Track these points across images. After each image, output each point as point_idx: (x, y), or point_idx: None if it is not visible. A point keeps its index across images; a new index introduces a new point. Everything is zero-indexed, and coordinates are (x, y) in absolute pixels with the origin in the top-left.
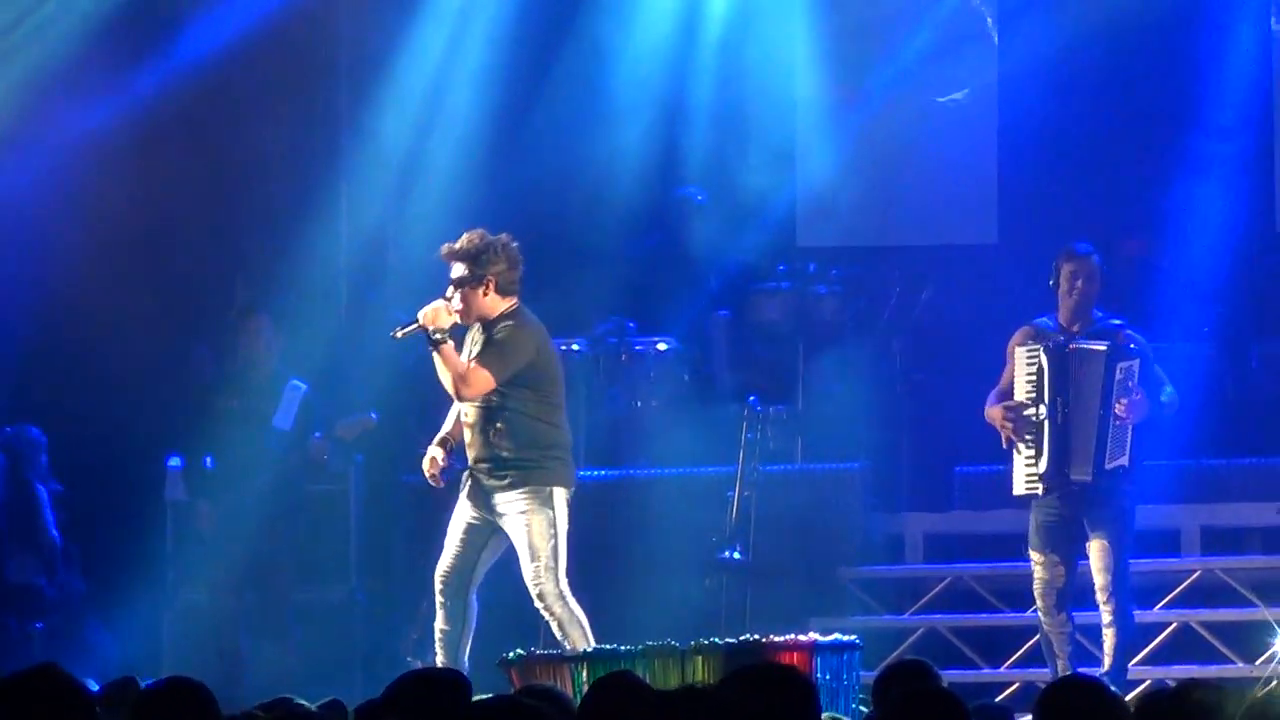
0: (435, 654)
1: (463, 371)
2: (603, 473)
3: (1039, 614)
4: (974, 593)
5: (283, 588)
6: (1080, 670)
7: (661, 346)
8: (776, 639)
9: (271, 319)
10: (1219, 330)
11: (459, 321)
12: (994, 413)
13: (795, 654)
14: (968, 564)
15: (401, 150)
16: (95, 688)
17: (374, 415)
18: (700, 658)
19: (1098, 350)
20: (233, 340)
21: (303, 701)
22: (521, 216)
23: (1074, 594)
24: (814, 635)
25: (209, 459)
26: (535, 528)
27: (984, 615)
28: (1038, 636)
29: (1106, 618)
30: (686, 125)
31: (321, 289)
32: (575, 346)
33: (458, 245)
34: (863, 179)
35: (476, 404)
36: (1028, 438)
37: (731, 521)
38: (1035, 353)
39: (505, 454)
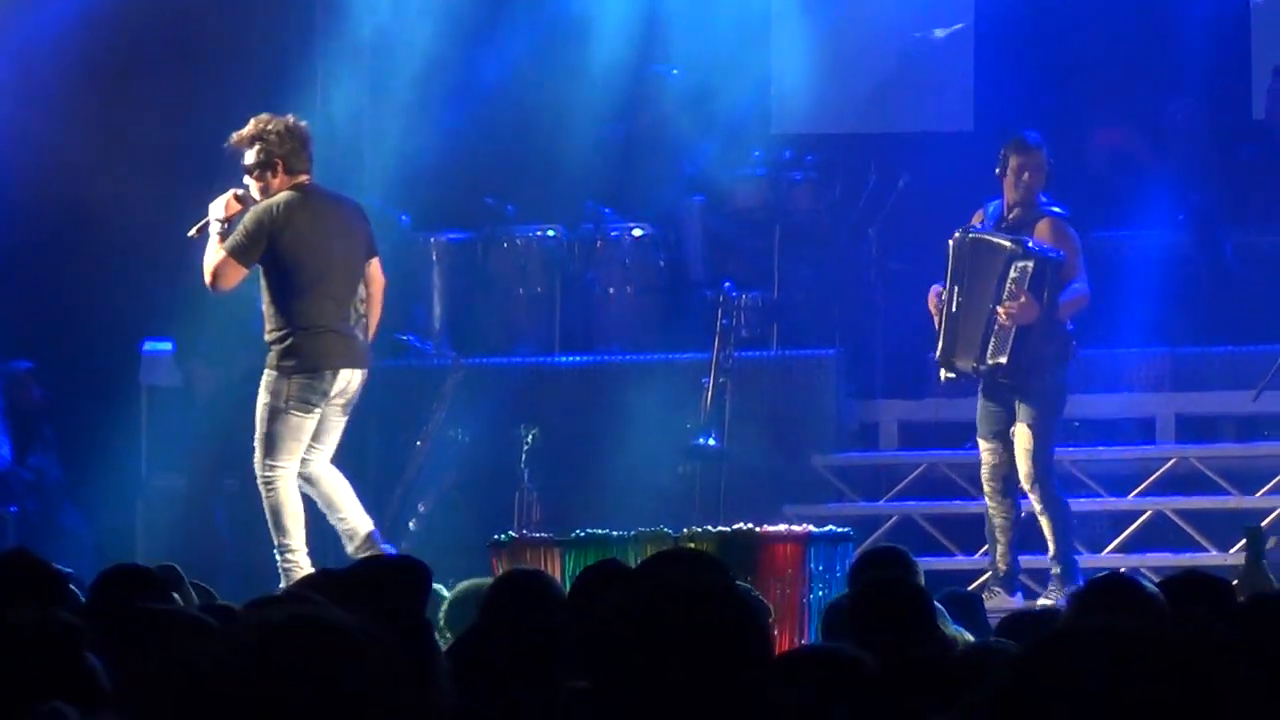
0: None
1: (213, 264)
2: (578, 359)
3: (985, 498)
4: (948, 480)
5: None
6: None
7: (637, 233)
8: (770, 529)
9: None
10: (1194, 219)
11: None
12: (929, 301)
13: (789, 544)
14: (942, 451)
15: (377, 36)
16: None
17: None
18: (692, 545)
19: (1001, 244)
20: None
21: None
22: (498, 102)
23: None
24: (808, 526)
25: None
26: (258, 409)
27: (958, 502)
28: None
29: (1036, 505)
30: (660, 12)
31: None
32: (551, 233)
33: (243, 132)
34: (838, 65)
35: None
36: (940, 327)
37: (706, 408)
38: (952, 242)
39: (264, 337)
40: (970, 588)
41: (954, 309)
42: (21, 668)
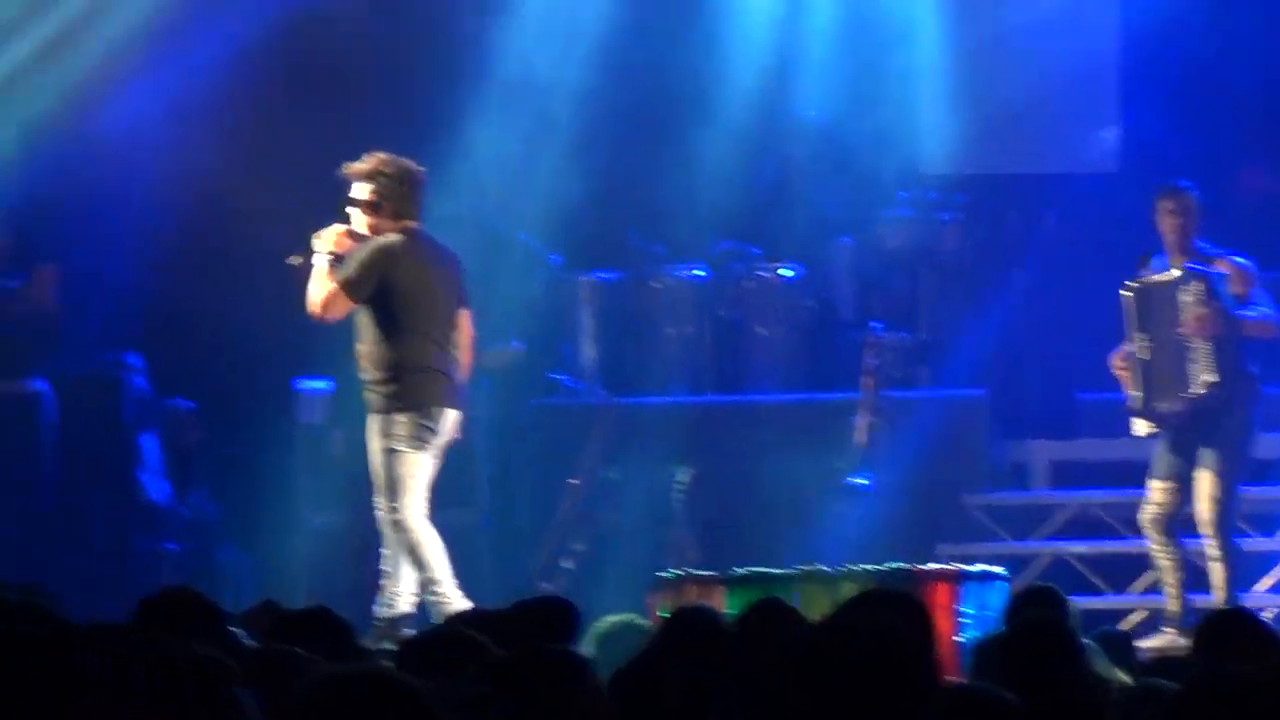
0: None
1: (323, 296)
2: (729, 398)
3: (1149, 542)
4: (1099, 519)
5: None
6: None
7: (785, 273)
8: (924, 567)
9: None
10: None
11: (357, 242)
12: (1112, 363)
13: (942, 583)
14: (1092, 490)
15: (525, 76)
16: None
17: (519, 345)
18: (849, 583)
19: (1164, 280)
20: None
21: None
22: (645, 143)
23: (1182, 522)
24: (960, 565)
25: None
26: (375, 454)
27: (1109, 542)
28: None
29: (1213, 551)
30: (810, 55)
31: (447, 216)
32: (699, 273)
33: (360, 166)
34: (985, 107)
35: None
36: (1136, 379)
37: (858, 448)
38: (1126, 294)
39: (364, 377)
40: (1122, 626)
41: (1147, 357)
42: (173, 702)
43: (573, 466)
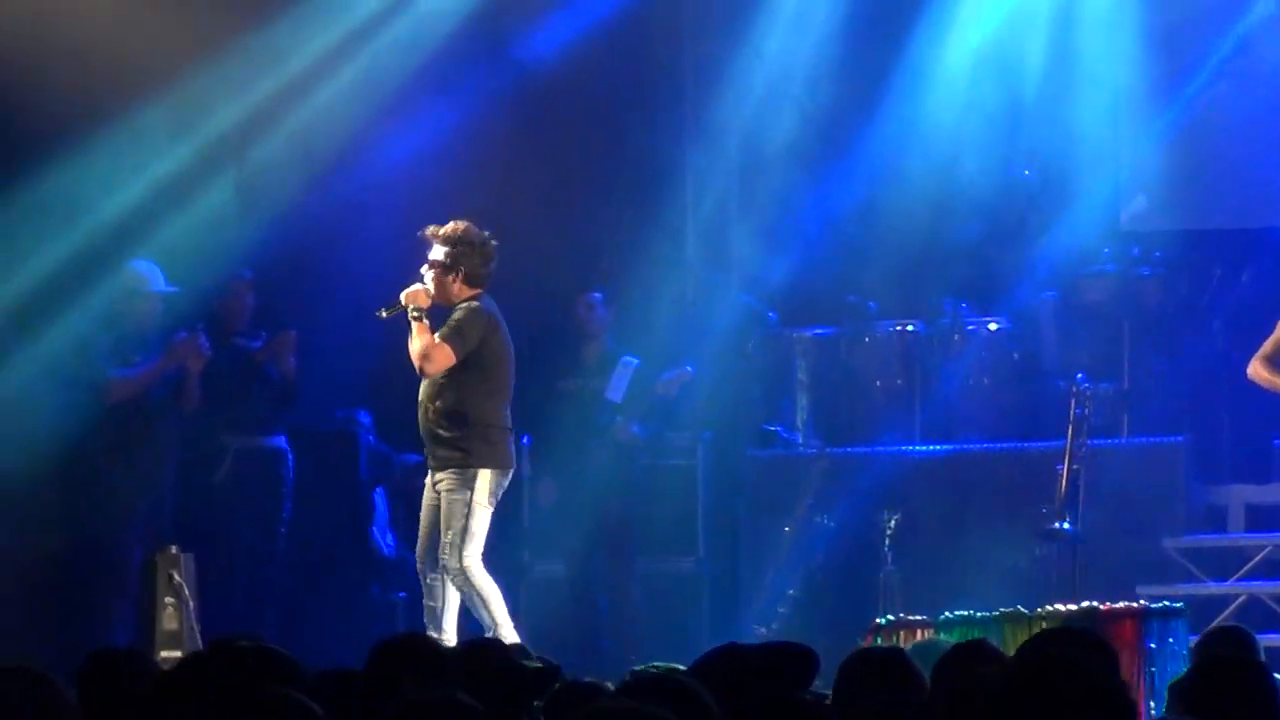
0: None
1: (426, 349)
2: (938, 447)
3: None
4: None
5: (629, 551)
6: None
7: (993, 326)
8: (1112, 606)
9: (604, 298)
10: None
11: (434, 302)
12: None
13: (1127, 620)
14: None
15: (743, 139)
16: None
17: (690, 368)
18: (1045, 623)
19: None
20: (571, 321)
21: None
22: (855, 205)
23: None
24: (1143, 602)
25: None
26: (451, 505)
27: None
28: None
29: None
30: (1014, 115)
31: (668, 275)
32: (911, 327)
33: (441, 230)
34: (1184, 165)
35: (425, 381)
36: None
37: (1061, 493)
38: None
39: (441, 431)
40: None
41: None
42: None
43: (788, 514)
